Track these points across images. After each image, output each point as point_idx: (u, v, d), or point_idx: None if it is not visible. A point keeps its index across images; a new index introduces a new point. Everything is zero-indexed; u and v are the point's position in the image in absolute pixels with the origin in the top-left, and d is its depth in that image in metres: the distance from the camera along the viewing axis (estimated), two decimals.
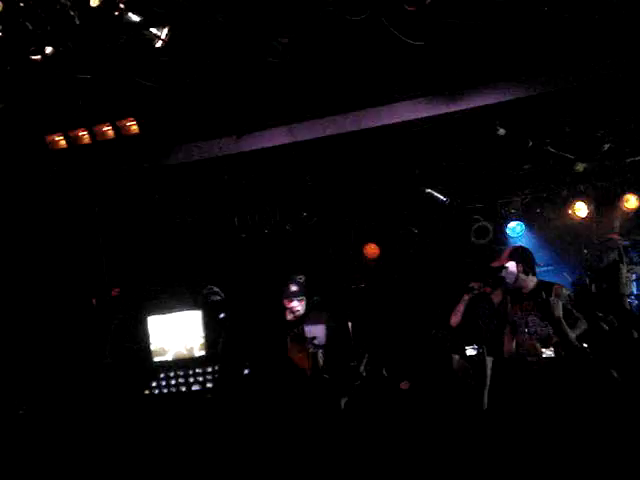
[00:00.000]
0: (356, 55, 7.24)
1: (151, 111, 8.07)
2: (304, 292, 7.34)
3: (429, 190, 9.48)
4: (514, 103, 7.74)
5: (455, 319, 7.47)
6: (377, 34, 6.80)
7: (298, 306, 7.27)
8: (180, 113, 8.21)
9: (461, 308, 7.44)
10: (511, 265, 6.11)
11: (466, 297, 7.42)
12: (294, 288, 7.28)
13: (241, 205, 9.74)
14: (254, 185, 9.40)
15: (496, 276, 6.20)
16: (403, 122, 8.25)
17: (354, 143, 8.61)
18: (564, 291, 6.06)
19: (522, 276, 6.11)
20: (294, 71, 7.39)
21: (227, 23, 6.62)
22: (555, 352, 5.85)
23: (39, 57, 6.43)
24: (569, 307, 5.62)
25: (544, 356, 5.92)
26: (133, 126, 8.01)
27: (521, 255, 6.23)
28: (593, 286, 8.61)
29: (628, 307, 8.18)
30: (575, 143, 8.91)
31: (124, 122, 8.01)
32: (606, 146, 8.95)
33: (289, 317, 7.27)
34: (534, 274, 6.21)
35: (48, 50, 6.44)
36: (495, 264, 6.25)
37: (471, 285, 7.38)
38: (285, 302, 7.26)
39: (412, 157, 9.17)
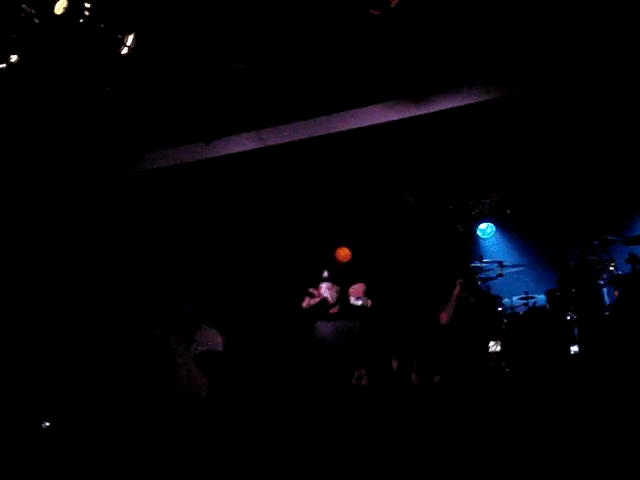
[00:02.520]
0: (325, 60, 7.26)
1: (119, 118, 8.03)
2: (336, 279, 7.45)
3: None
4: (480, 106, 7.80)
5: (446, 317, 7.58)
6: (345, 39, 6.85)
7: (326, 292, 7.29)
8: (149, 120, 8.19)
9: (453, 305, 7.57)
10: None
11: (456, 293, 7.58)
12: (325, 274, 7.35)
13: (214, 211, 9.71)
14: (224, 190, 9.38)
15: None
16: (372, 125, 8.28)
17: (324, 147, 8.62)
18: None
19: None
20: (263, 77, 7.40)
21: (195, 31, 6.63)
22: None
23: (4, 65, 6.37)
24: None
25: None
26: None
27: None
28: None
29: None
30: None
31: None
32: None
33: (308, 303, 7.26)
34: None
35: (13, 58, 6.39)
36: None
37: (460, 281, 7.59)
38: (310, 289, 7.30)
39: (382, 160, 9.19)
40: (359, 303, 7.67)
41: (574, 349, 7.55)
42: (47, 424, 7.29)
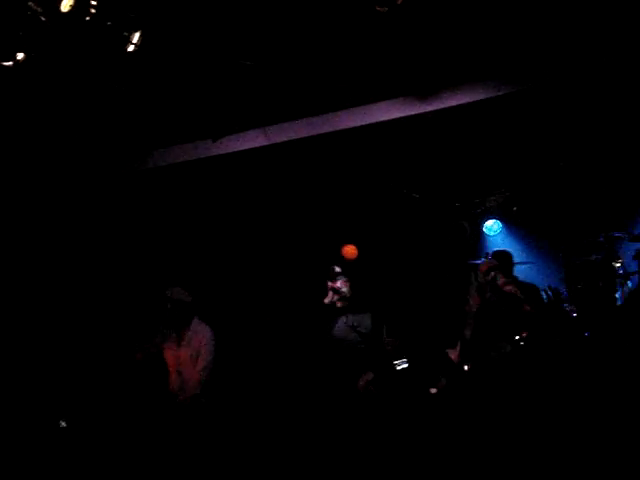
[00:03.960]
0: (331, 57, 7.26)
1: (126, 116, 8.03)
2: (347, 273, 7.44)
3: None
4: (486, 103, 7.79)
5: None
6: (351, 36, 6.85)
7: (343, 287, 7.32)
8: (155, 117, 8.19)
9: None
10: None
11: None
12: (338, 269, 7.35)
13: (220, 207, 9.71)
14: (231, 187, 9.38)
15: None
16: (378, 122, 8.27)
17: (330, 144, 8.62)
18: None
19: None
20: (269, 74, 7.39)
21: (201, 27, 6.63)
22: None
23: (10, 63, 6.37)
24: None
25: None
26: None
27: None
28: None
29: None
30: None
31: None
32: None
33: (332, 299, 7.28)
34: None
35: (19, 56, 6.39)
36: None
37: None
38: (329, 284, 7.31)
39: (388, 157, 9.19)
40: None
41: None
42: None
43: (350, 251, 10.16)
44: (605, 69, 7.49)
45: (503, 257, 8.07)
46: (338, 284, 7.46)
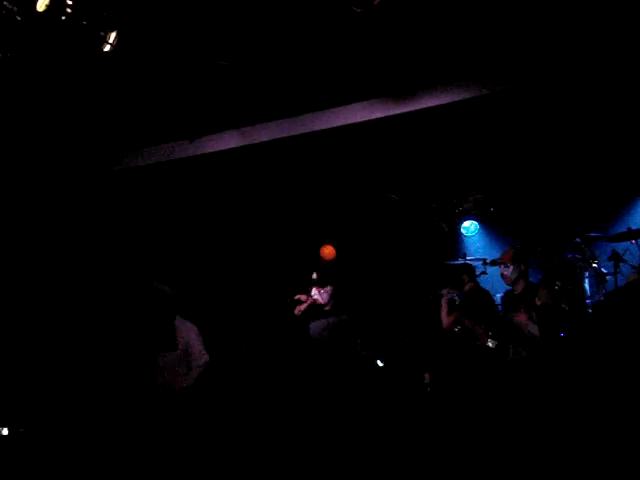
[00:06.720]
0: (308, 58, 7.26)
1: (103, 115, 8.00)
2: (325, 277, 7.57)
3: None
4: (462, 104, 7.82)
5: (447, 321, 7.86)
6: (328, 37, 6.86)
7: (316, 294, 7.44)
8: (134, 118, 8.16)
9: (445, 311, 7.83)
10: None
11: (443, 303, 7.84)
12: (314, 276, 7.48)
13: (196, 208, 9.69)
14: (207, 188, 9.36)
15: None
16: (356, 123, 8.28)
17: (307, 145, 8.62)
18: None
19: None
20: (246, 74, 7.39)
21: (178, 28, 6.62)
22: None
23: None
24: None
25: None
26: None
27: None
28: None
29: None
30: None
31: None
32: None
33: (299, 309, 7.46)
34: None
35: None
36: None
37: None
38: (298, 296, 7.46)
39: (366, 158, 9.20)
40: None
41: None
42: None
43: (328, 251, 10.20)
44: (581, 71, 7.54)
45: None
46: (311, 292, 7.61)
